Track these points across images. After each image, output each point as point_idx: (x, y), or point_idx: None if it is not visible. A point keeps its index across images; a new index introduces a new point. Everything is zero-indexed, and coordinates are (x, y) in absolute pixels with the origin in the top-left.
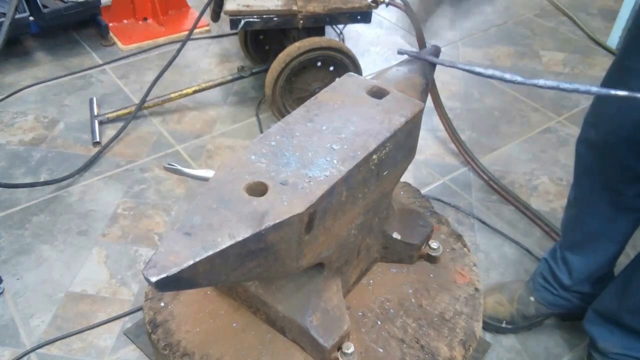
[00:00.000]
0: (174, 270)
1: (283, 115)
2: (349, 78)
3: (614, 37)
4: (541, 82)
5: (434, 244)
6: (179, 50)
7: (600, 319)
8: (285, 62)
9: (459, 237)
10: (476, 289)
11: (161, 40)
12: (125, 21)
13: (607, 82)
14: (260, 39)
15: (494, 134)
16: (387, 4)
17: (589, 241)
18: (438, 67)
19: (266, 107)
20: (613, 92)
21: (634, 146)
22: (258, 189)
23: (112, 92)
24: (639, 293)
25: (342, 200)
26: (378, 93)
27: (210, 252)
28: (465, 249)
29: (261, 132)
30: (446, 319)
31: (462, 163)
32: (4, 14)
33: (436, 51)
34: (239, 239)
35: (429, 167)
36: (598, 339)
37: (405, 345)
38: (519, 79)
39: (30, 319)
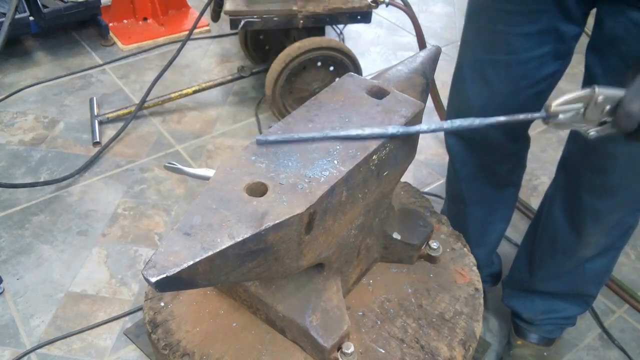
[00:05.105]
0: (174, 270)
1: (283, 115)
2: (349, 78)
3: None
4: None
5: (434, 244)
6: (179, 50)
7: (517, 292)
8: (285, 62)
9: (459, 237)
10: (476, 289)
11: (161, 40)
12: (125, 21)
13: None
14: (260, 39)
15: None
16: (387, 4)
17: (482, 232)
18: (439, 67)
19: (266, 107)
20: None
21: (501, 127)
22: (258, 190)
23: (112, 92)
24: (543, 263)
25: (342, 201)
26: (378, 93)
27: (210, 253)
28: (465, 249)
29: (261, 132)
30: (446, 319)
31: None
32: (4, 14)
33: (436, 51)
34: (239, 239)
35: (429, 167)
36: (522, 311)
37: (405, 345)
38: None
39: (30, 319)
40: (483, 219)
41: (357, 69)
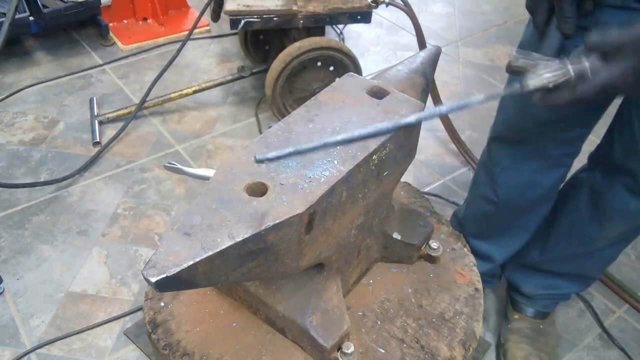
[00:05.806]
0: (174, 270)
1: (283, 115)
2: (349, 78)
3: None
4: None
5: (434, 244)
6: (179, 50)
7: (522, 268)
8: (285, 62)
9: (459, 237)
10: (476, 289)
11: (161, 40)
12: (125, 21)
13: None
14: (260, 39)
15: None
16: (387, 4)
17: (503, 234)
18: (439, 67)
19: (266, 107)
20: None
21: (547, 130)
22: (258, 189)
23: (112, 92)
24: (557, 246)
25: (342, 201)
26: (378, 93)
27: (210, 253)
28: (465, 249)
29: (261, 132)
30: (446, 319)
31: (462, 163)
32: (4, 14)
33: (436, 51)
34: (239, 239)
35: (429, 167)
36: (522, 285)
37: (405, 345)
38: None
39: (30, 319)
40: (510, 227)
41: (357, 69)
